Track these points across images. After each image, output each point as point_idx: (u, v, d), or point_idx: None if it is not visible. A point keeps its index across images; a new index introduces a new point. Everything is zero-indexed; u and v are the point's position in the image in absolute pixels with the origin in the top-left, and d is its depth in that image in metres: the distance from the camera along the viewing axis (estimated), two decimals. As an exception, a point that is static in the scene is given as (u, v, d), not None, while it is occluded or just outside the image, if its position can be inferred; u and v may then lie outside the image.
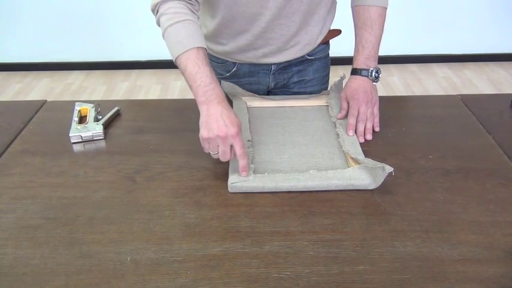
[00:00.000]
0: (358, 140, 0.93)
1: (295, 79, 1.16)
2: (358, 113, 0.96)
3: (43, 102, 1.12)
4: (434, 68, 3.18)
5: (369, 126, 0.96)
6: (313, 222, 0.73)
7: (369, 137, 0.95)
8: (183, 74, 0.84)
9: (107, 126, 1.00)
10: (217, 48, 1.10)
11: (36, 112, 1.07)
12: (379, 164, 0.78)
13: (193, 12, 0.88)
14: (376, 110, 0.98)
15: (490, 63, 3.21)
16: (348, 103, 0.99)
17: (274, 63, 1.11)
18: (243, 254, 0.68)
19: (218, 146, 0.80)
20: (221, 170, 0.85)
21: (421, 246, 0.69)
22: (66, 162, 0.89)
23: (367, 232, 0.71)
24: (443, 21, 3.07)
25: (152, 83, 3.04)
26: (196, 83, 0.82)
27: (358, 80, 1.00)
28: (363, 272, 0.64)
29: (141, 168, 0.87)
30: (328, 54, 1.19)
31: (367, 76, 0.99)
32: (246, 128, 0.94)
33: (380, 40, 1.01)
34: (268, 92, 1.19)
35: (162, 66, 3.16)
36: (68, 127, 0.98)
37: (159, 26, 0.88)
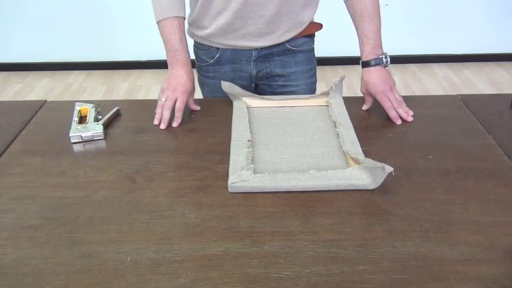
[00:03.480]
0: (407, 119, 1.01)
1: (277, 70, 1.17)
2: (391, 101, 1.01)
3: (43, 102, 1.12)
4: (434, 68, 3.18)
5: (402, 112, 1.01)
6: (313, 222, 0.73)
7: (411, 118, 1.02)
8: (160, 36, 1.05)
9: (106, 126, 1.00)
10: (201, 33, 1.13)
11: (36, 112, 1.07)
12: (379, 164, 0.78)
13: None
14: (397, 95, 1.03)
15: (490, 63, 3.21)
16: (373, 97, 1.04)
17: (255, 49, 1.12)
18: (243, 254, 0.68)
19: (168, 96, 1.01)
20: (221, 170, 0.85)
21: (421, 246, 0.69)
22: (66, 162, 0.89)
23: (367, 232, 0.71)
24: (443, 21, 3.07)
25: (152, 83, 3.04)
26: (167, 47, 1.04)
27: (372, 71, 1.02)
28: (363, 272, 0.64)
29: (141, 168, 0.87)
30: (313, 49, 1.21)
31: (379, 64, 1.02)
32: (245, 128, 0.94)
33: (380, 28, 1.04)
34: (255, 86, 1.21)
35: (162, 66, 3.14)
36: (68, 127, 0.98)
37: None
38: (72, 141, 0.95)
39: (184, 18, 1.05)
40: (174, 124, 1.00)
